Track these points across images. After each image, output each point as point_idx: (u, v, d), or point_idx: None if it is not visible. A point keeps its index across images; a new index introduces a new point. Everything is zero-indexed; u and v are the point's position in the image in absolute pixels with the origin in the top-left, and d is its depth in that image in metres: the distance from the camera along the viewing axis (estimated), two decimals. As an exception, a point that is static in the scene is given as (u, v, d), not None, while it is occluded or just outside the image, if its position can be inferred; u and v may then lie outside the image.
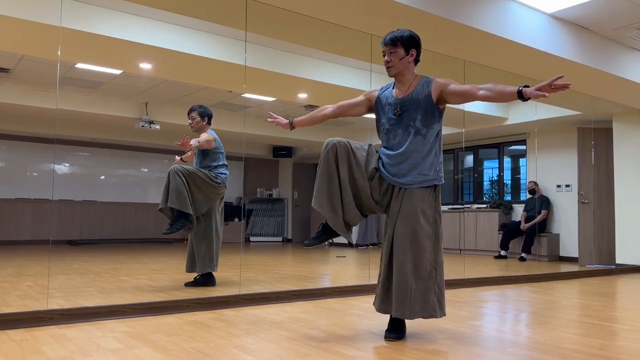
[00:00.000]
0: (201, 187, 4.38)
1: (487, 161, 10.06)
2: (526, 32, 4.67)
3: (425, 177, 2.76)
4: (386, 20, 4.13)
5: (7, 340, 2.61)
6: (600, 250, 7.64)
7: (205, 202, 4.44)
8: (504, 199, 9.45)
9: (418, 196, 2.73)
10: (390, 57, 2.83)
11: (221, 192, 4.56)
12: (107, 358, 2.31)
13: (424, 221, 2.72)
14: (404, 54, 2.81)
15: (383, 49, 2.85)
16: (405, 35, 2.82)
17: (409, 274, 2.68)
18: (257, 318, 3.28)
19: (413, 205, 2.72)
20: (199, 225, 4.53)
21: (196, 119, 4.63)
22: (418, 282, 2.68)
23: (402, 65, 2.82)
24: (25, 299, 3.76)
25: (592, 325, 3.25)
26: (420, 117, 2.79)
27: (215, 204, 4.57)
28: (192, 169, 4.40)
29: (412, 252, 2.69)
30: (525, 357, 2.44)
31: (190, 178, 4.32)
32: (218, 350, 2.46)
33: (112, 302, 3.56)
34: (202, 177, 4.37)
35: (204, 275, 4.53)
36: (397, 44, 2.81)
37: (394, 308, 2.69)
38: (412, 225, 2.70)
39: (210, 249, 4.49)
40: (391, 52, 2.82)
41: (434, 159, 2.80)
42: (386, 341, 2.70)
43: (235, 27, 4.38)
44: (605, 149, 7.76)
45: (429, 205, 2.76)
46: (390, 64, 2.83)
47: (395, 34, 2.82)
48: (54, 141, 10.53)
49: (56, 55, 5.07)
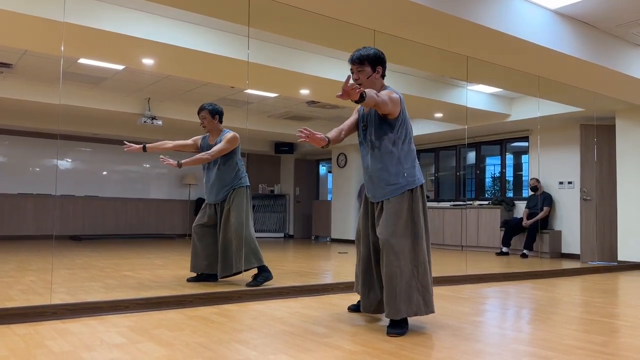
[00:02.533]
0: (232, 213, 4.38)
1: (490, 158, 10.05)
2: (529, 28, 4.66)
3: (395, 187, 2.88)
4: (389, 16, 4.12)
5: (10, 335, 2.62)
6: (602, 247, 7.64)
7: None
8: (506, 196, 9.44)
9: (393, 202, 2.87)
10: (358, 75, 2.95)
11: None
12: (111, 352, 2.32)
13: (400, 224, 2.84)
14: (371, 72, 2.95)
15: (351, 67, 2.97)
16: (371, 53, 2.94)
17: (393, 276, 2.79)
18: (259, 313, 3.29)
19: (389, 212, 2.85)
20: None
21: (207, 119, 4.49)
22: (401, 282, 2.79)
23: (369, 82, 2.95)
24: (29, 293, 3.77)
25: (594, 321, 3.25)
26: (374, 132, 2.95)
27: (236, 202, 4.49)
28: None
29: (393, 255, 2.80)
30: (528, 353, 2.44)
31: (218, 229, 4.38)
32: (221, 345, 2.47)
33: (115, 297, 3.57)
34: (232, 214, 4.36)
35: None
36: (364, 63, 2.93)
37: (385, 310, 2.82)
38: (388, 231, 2.82)
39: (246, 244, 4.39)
40: (359, 70, 2.94)
41: (397, 167, 2.89)
42: (389, 336, 2.71)
43: (238, 23, 4.37)
44: (607, 145, 7.76)
45: (406, 208, 2.87)
46: (359, 82, 2.94)
47: (361, 53, 2.93)
48: (57, 136, 10.54)
49: (59, 50, 5.07)
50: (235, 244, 4.30)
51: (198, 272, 4.48)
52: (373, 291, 3.10)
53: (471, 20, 4.22)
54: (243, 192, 4.46)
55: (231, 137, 4.41)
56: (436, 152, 10.71)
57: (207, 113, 4.49)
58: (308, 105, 8.85)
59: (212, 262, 4.47)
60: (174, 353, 2.33)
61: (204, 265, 4.46)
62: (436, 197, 10.68)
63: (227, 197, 4.44)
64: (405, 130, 2.93)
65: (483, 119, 8.46)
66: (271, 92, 7.50)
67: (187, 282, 4.50)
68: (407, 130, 2.94)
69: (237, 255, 4.29)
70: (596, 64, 5.31)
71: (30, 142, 10.40)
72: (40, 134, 10.40)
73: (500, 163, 9.62)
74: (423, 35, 4.52)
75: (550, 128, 8.68)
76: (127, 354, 2.30)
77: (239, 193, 4.43)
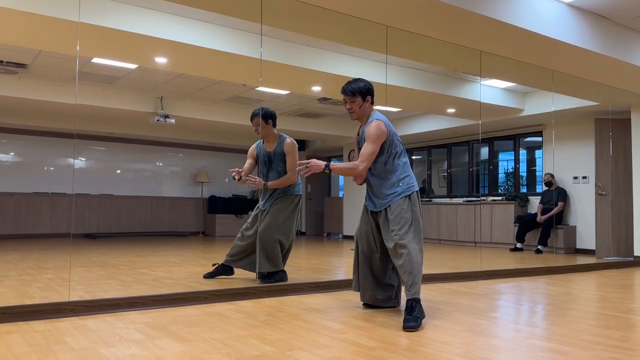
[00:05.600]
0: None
1: (503, 153, 9.98)
2: (543, 22, 4.62)
3: (393, 194, 3.20)
4: (402, 11, 4.11)
5: (30, 331, 2.66)
6: (618, 242, 7.57)
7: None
8: (519, 191, 9.38)
9: (394, 207, 3.17)
10: (351, 105, 3.30)
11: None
12: (129, 349, 2.35)
13: (405, 224, 3.12)
14: (361, 102, 3.29)
15: (344, 97, 3.32)
16: (362, 86, 3.28)
17: (407, 263, 3.06)
18: (275, 309, 3.31)
19: (393, 216, 3.15)
20: None
21: (260, 124, 4.39)
22: (414, 268, 3.06)
23: (361, 111, 3.30)
24: (47, 290, 3.82)
25: (611, 317, 3.22)
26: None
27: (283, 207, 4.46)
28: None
29: (404, 249, 3.07)
30: (545, 348, 2.43)
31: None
32: (238, 341, 2.49)
33: (131, 294, 3.60)
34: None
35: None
36: (355, 95, 3.28)
37: (407, 295, 3.04)
38: (398, 234, 3.10)
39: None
40: (352, 101, 3.29)
41: (393, 180, 3.22)
42: (405, 331, 2.71)
43: (250, 20, 4.38)
44: (623, 140, 7.67)
45: (407, 208, 3.16)
46: (352, 111, 3.31)
47: (352, 87, 3.27)
48: (74, 136, 10.65)
49: (73, 50, 5.12)
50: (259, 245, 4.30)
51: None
52: (374, 285, 3.35)
53: (484, 14, 4.19)
54: (290, 201, 4.42)
55: (291, 144, 4.39)
56: (449, 148, 10.66)
57: (259, 119, 4.38)
58: (320, 102, 8.85)
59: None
60: (192, 349, 2.35)
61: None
62: (449, 193, 10.63)
63: (273, 201, 4.42)
64: (395, 147, 3.25)
65: (496, 114, 8.41)
66: (283, 90, 7.51)
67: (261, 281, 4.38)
68: (397, 146, 3.26)
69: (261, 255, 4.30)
70: (611, 57, 5.25)
71: (46, 142, 10.51)
72: (55, 133, 10.51)
73: (514, 158, 9.55)
74: (436, 30, 4.49)
75: (564, 122, 8.60)
76: (146, 349, 2.33)
77: (284, 200, 4.41)
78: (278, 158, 4.42)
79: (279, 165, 4.41)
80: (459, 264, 6.15)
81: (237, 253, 4.44)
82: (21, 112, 9.03)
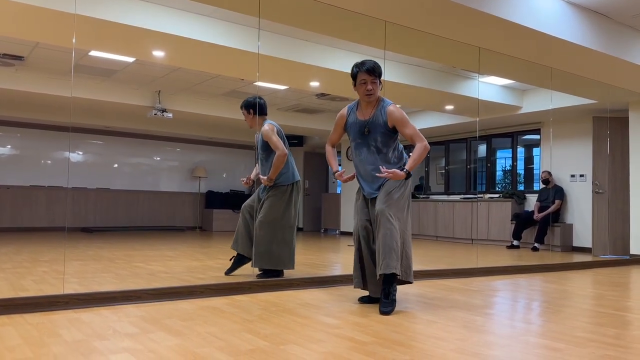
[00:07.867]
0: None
1: (501, 151, 9.98)
2: (542, 19, 4.61)
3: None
4: (400, 7, 4.09)
5: (24, 324, 2.65)
6: (615, 241, 7.58)
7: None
8: (517, 189, 9.39)
9: (387, 184, 3.18)
10: (372, 87, 3.17)
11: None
12: (123, 342, 2.34)
13: (394, 198, 3.14)
14: (379, 84, 3.22)
15: (364, 77, 3.16)
16: (379, 66, 3.21)
17: (386, 234, 3.10)
18: (270, 304, 3.30)
19: (384, 190, 3.18)
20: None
21: (245, 114, 4.46)
22: (392, 242, 3.08)
23: (378, 92, 3.22)
24: (41, 283, 3.81)
25: (606, 314, 3.23)
26: (380, 139, 3.23)
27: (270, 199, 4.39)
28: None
29: (387, 220, 3.10)
30: (539, 345, 2.43)
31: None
32: (232, 335, 2.48)
33: (126, 288, 3.59)
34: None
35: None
36: (377, 75, 3.18)
37: (377, 268, 3.11)
38: (383, 204, 3.11)
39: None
40: (373, 82, 3.17)
41: (392, 167, 3.22)
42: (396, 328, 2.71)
43: (248, 14, 4.36)
44: (621, 138, 7.67)
45: (398, 186, 3.18)
46: (372, 92, 3.18)
47: (374, 65, 3.17)
48: (69, 129, 10.61)
49: (70, 42, 5.09)
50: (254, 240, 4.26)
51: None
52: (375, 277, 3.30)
53: (483, 10, 4.18)
54: (282, 191, 4.33)
55: (265, 130, 4.34)
56: (446, 145, 10.65)
57: (244, 109, 4.47)
58: (317, 98, 8.84)
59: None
60: (186, 342, 2.34)
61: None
62: (446, 190, 10.63)
63: (267, 191, 4.37)
64: (397, 137, 3.30)
65: (494, 111, 8.40)
66: (281, 85, 7.49)
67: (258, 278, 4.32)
68: (398, 137, 3.31)
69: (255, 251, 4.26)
70: (610, 55, 5.25)
71: (42, 135, 10.48)
72: (52, 126, 10.48)
73: (512, 156, 9.55)
74: (434, 26, 4.48)
75: (562, 120, 8.60)
76: (140, 343, 2.32)
77: (275, 191, 4.34)
78: (263, 147, 4.39)
79: (268, 154, 4.38)
80: (455, 261, 6.15)
81: (237, 238, 4.44)
82: (18, 105, 9.00)
